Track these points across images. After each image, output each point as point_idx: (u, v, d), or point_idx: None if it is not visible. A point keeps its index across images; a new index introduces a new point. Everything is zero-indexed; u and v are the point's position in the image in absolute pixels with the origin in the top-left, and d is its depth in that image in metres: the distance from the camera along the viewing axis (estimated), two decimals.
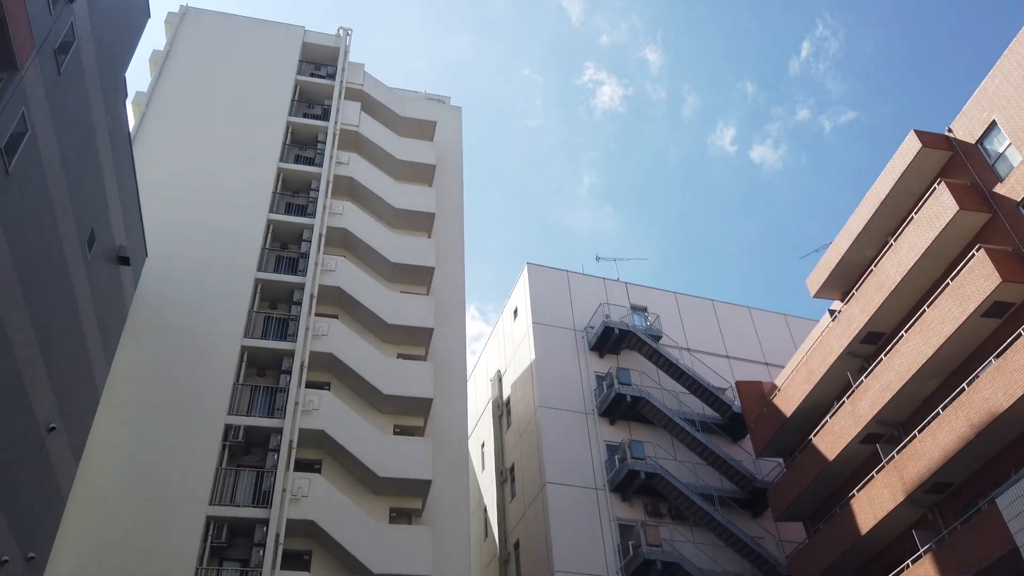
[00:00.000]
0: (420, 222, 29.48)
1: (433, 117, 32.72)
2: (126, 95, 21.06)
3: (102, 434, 20.68)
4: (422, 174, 30.99)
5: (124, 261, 21.16)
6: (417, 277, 27.80)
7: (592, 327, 32.69)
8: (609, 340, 31.75)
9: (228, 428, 21.77)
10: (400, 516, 22.74)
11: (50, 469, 17.56)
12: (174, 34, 31.04)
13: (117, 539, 19.12)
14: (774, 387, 29.36)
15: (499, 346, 36.44)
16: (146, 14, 21.96)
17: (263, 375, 24.19)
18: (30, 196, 15.51)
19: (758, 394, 29.56)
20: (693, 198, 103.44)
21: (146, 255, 23.88)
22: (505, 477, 32.14)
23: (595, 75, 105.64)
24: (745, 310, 36.82)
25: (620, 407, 29.77)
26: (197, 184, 26.99)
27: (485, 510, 33.76)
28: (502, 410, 34.31)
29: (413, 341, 26.26)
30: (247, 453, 22.27)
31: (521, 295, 34.47)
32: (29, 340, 15.83)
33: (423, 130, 32.45)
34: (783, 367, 31.68)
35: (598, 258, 44.30)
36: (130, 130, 21.64)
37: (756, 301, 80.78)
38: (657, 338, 32.56)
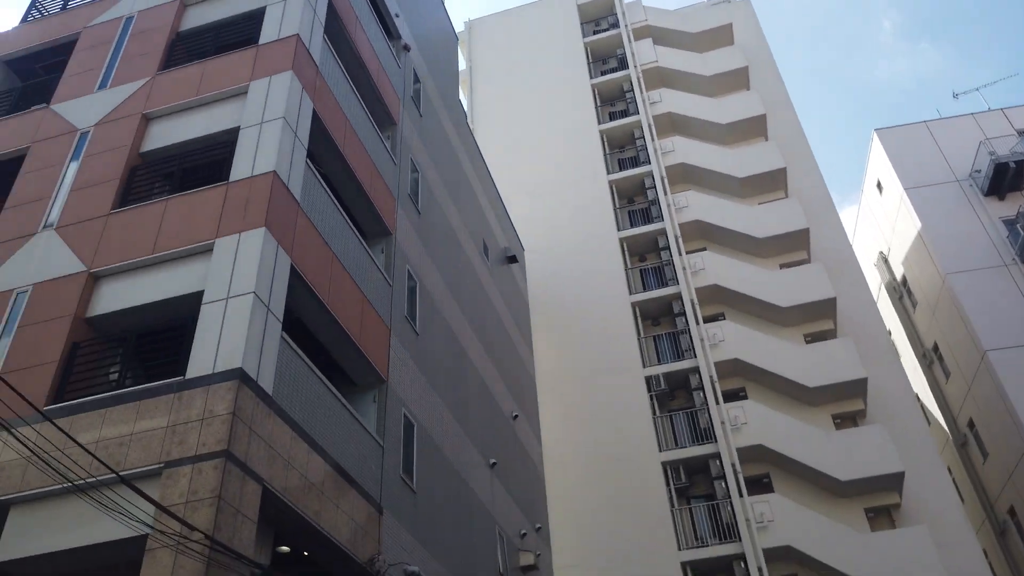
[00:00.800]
0: (753, 128, 28.28)
1: (726, 20, 31.17)
2: (465, 115, 23.03)
3: (548, 412, 22.96)
4: (737, 80, 29.70)
5: (512, 260, 23.21)
6: (770, 183, 26.72)
7: (978, 171, 28.60)
8: (1006, 178, 27.53)
9: (648, 380, 22.84)
10: (845, 420, 22.02)
11: (524, 452, 19.89)
12: (469, 49, 33.35)
13: (595, 498, 21.08)
14: None
15: (871, 227, 33.57)
16: (454, 38, 23.80)
17: (657, 324, 24.99)
18: (438, 227, 17.61)
19: None
20: None
21: (523, 249, 25.96)
22: (930, 359, 29.58)
23: None
24: None
25: None
26: (537, 174, 28.69)
27: (917, 397, 31.39)
28: (900, 291, 31.61)
29: (790, 248, 25.32)
30: (672, 398, 23.19)
31: (879, 165, 31.32)
32: (481, 353, 18.07)
33: (721, 37, 31.10)
34: None
35: (955, 95, 37.77)
36: (477, 144, 23.64)
37: None
38: None
